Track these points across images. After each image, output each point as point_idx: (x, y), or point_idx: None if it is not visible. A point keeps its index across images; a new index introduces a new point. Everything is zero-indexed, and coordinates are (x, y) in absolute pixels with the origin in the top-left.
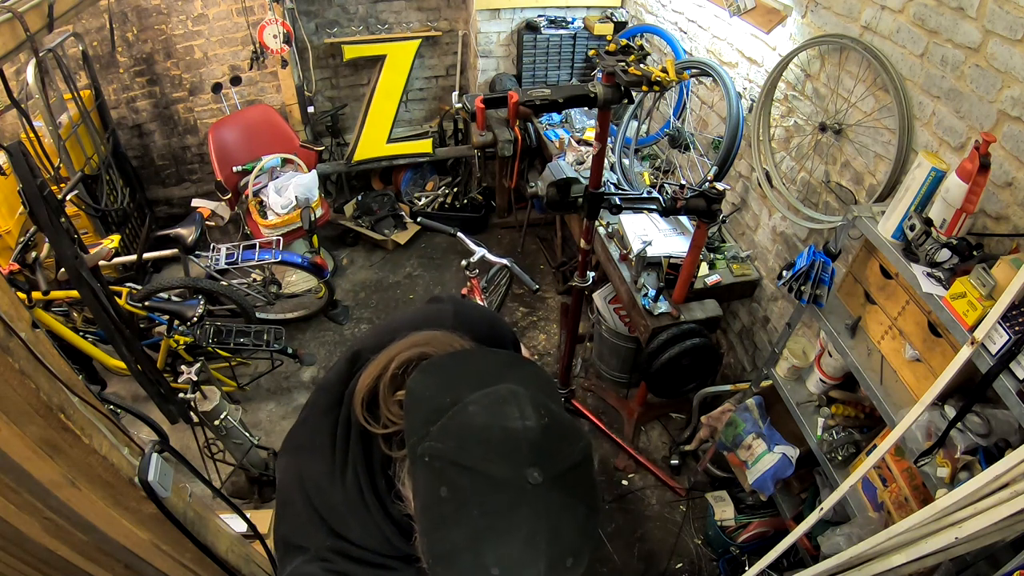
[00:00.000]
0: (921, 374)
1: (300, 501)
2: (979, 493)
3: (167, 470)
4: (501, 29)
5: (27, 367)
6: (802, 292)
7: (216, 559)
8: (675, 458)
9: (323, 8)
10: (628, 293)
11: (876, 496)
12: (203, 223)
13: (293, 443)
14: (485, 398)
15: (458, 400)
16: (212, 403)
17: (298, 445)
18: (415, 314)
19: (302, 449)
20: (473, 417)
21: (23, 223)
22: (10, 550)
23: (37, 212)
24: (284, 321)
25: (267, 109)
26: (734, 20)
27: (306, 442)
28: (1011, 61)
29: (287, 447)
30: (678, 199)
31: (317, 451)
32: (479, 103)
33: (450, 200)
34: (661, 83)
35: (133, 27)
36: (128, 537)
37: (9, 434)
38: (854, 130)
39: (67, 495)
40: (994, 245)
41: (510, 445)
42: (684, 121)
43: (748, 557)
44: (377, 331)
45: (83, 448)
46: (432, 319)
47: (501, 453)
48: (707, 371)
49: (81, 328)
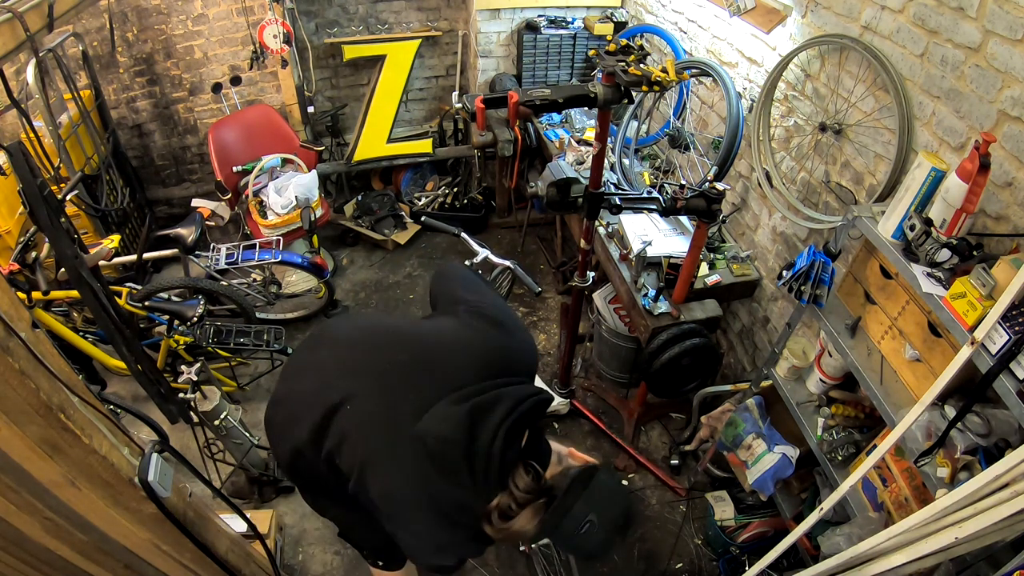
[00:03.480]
0: (921, 374)
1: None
2: (979, 493)
3: (167, 470)
4: (501, 29)
5: (27, 367)
6: (802, 292)
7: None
8: (675, 458)
9: (323, 8)
10: (628, 293)
11: (876, 496)
12: (203, 223)
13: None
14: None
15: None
16: (212, 403)
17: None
18: (489, 348)
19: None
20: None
21: (23, 223)
22: (10, 550)
23: (37, 212)
24: (284, 321)
25: (267, 109)
26: (734, 20)
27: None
28: (1011, 61)
29: None
30: (678, 199)
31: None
32: (479, 103)
33: (450, 200)
34: (661, 83)
35: (133, 27)
36: (128, 537)
37: (9, 434)
38: (854, 130)
39: (67, 495)
40: (994, 245)
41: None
42: (684, 121)
43: (748, 557)
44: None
45: (83, 448)
46: (507, 361)
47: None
48: (707, 371)
49: (81, 328)
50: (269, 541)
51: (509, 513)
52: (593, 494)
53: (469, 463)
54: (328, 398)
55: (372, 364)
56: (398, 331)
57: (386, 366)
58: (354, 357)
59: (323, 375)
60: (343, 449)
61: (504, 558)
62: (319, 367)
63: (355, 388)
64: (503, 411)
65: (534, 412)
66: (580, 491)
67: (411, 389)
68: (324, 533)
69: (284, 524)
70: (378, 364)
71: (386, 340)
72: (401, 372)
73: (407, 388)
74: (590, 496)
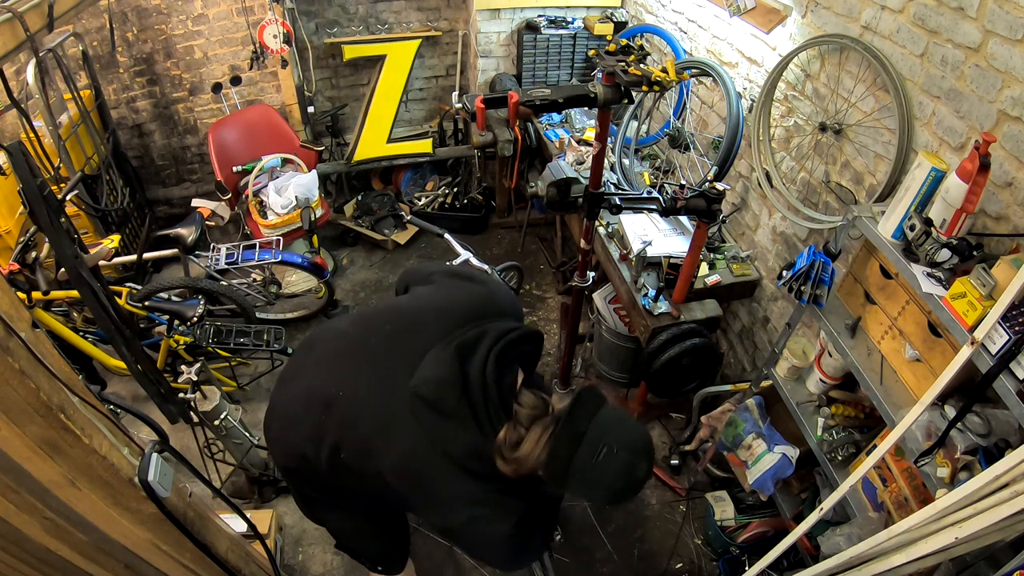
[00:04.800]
0: (921, 374)
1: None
2: (979, 493)
3: (167, 470)
4: (501, 29)
5: (27, 367)
6: (802, 292)
7: (216, 559)
8: (675, 458)
9: (323, 8)
10: (628, 293)
11: (876, 496)
12: (203, 223)
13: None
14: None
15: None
16: (212, 403)
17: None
18: (467, 298)
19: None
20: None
21: (23, 223)
22: (10, 550)
23: (37, 212)
24: (284, 321)
25: (267, 109)
26: (734, 20)
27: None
28: (1011, 61)
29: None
30: (678, 199)
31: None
32: (479, 103)
33: (450, 200)
34: (661, 83)
35: (133, 27)
36: (128, 537)
37: (9, 434)
38: (854, 130)
39: (67, 495)
40: (994, 245)
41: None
42: (684, 121)
43: (748, 557)
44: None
45: (83, 448)
46: (487, 305)
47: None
48: (707, 371)
49: (81, 328)
50: (269, 541)
51: (517, 438)
52: (604, 419)
53: (467, 397)
54: (323, 393)
55: (359, 349)
56: (377, 311)
57: (372, 345)
58: (341, 349)
59: (315, 374)
60: (346, 439)
61: None
62: (310, 368)
63: (346, 377)
64: (489, 341)
65: (522, 341)
66: (590, 408)
67: (398, 356)
68: (324, 533)
69: (284, 524)
70: (363, 345)
71: (367, 321)
72: (386, 344)
73: (394, 356)
74: (601, 421)
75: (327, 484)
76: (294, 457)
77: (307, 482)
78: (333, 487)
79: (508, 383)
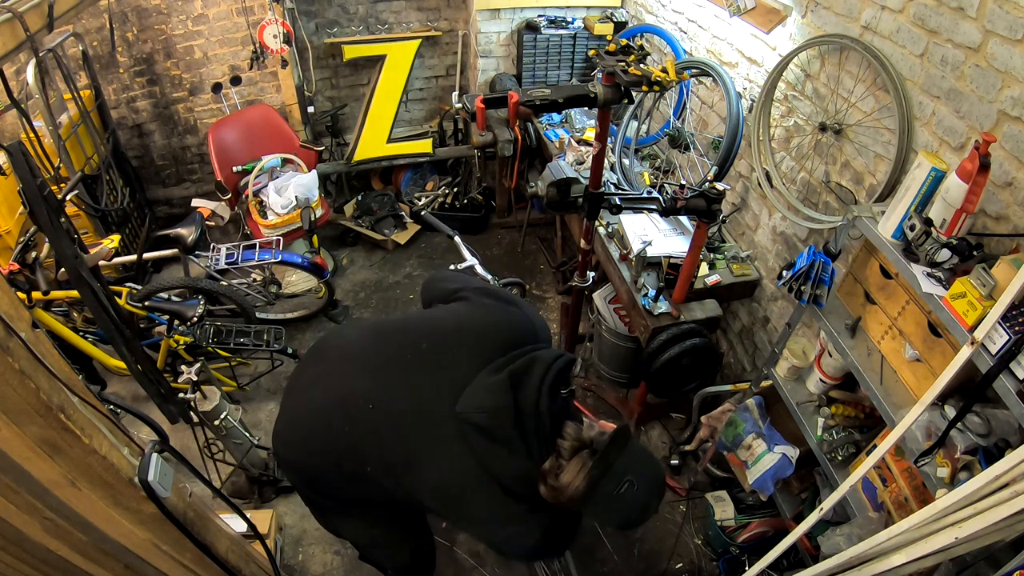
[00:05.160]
0: (921, 374)
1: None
2: (979, 493)
3: (167, 470)
4: (501, 29)
5: (27, 367)
6: (802, 292)
7: (216, 559)
8: (675, 458)
9: (323, 8)
10: (628, 293)
11: (876, 496)
12: (203, 223)
13: None
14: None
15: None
16: (212, 403)
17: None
18: (507, 321)
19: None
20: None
21: (23, 223)
22: (10, 550)
23: (37, 212)
24: (284, 321)
25: (267, 109)
26: (734, 20)
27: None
28: (1011, 61)
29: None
30: (678, 199)
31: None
32: (479, 103)
33: (450, 200)
34: (661, 83)
35: (133, 27)
36: (128, 537)
37: (9, 434)
38: (854, 130)
39: (67, 495)
40: (994, 245)
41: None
42: (684, 121)
43: (748, 557)
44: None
45: (83, 448)
46: (527, 331)
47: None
48: (707, 371)
49: (81, 328)
50: (269, 541)
51: (558, 469)
52: (631, 454)
53: (520, 426)
54: (345, 405)
55: (391, 361)
56: (409, 324)
57: (408, 359)
58: (367, 358)
59: (336, 383)
60: (376, 453)
61: (503, 558)
62: (329, 376)
63: (377, 389)
64: (540, 371)
65: (566, 370)
66: (622, 446)
67: (440, 375)
68: (324, 533)
69: (284, 524)
70: (398, 360)
71: (400, 335)
72: (425, 361)
73: (436, 375)
74: (629, 455)
75: (343, 494)
76: (309, 467)
77: (321, 492)
78: (349, 498)
79: (556, 411)
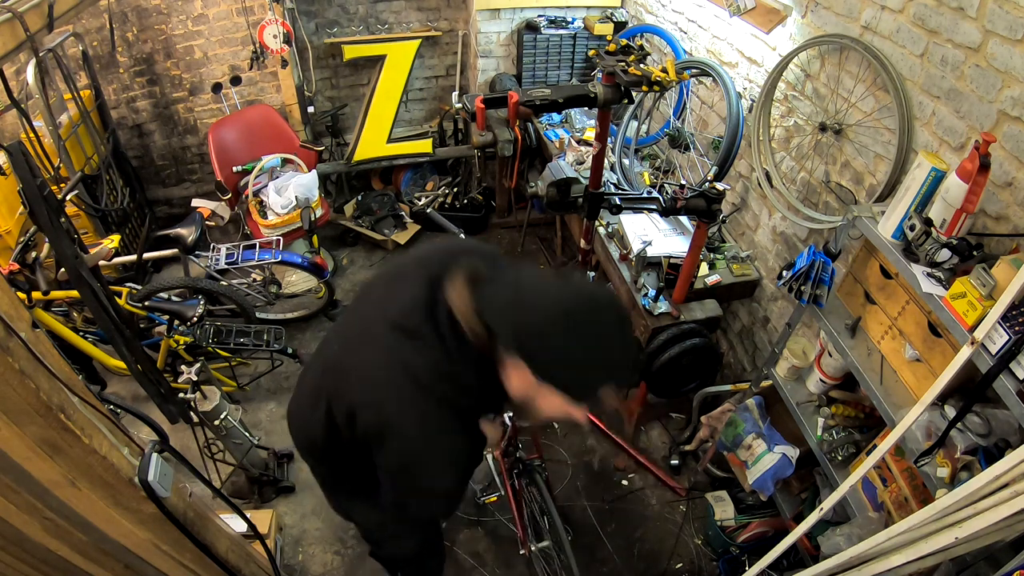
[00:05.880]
0: (921, 374)
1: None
2: (979, 493)
3: (167, 470)
4: (501, 29)
5: (27, 367)
6: (802, 292)
7: (216, 559)
8: (675, 458)
9: (323, 8)
10: (628, 293)
11: (876, 496)
12: (203, 223)
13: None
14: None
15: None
16: (212, 403)
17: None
18: (445, 243)
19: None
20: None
21: (23, 223)
22: (10, 550)
23: (37, 212)
24: (284, 321)
25: (267, 109)
26: (734, 20)
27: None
28: (1011, 61)
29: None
30: (678, 199)
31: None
32: (479, 103)
33: (450, 200)
34: (661, 83)
35: (133, 27)
36: (128, 537)
37: (9, 434)
38: (854, 130)
39: (67, 495)
40: (994, 245)
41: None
42: (684, 121)
43: (748, 557)
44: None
45: (83, 448)
46: (463, 246)
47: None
48: (707, 371)
49: (81, 328)
50: (269, 541)
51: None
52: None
53: (433, 319)
54: (323, 362)
55: (353, 315)
56: (378, 280)
57: (363, 307)
58: (349, 327)
59: (327, 356)
60: (335, 392)
61: (503, 559)
62: (324, 354)
63: (339, 339)
64: (456, 266)
65: (490, 261)
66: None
67: (382, 303)
68: (324, 533)
69: (284, 524)
70: (357, 312)
71: (366, 295)
72: (374, 302)
73: (379, 304)
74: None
75: (335, 462)
76: (306, 436)
77: (332, 464)
78: (343, 467)
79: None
